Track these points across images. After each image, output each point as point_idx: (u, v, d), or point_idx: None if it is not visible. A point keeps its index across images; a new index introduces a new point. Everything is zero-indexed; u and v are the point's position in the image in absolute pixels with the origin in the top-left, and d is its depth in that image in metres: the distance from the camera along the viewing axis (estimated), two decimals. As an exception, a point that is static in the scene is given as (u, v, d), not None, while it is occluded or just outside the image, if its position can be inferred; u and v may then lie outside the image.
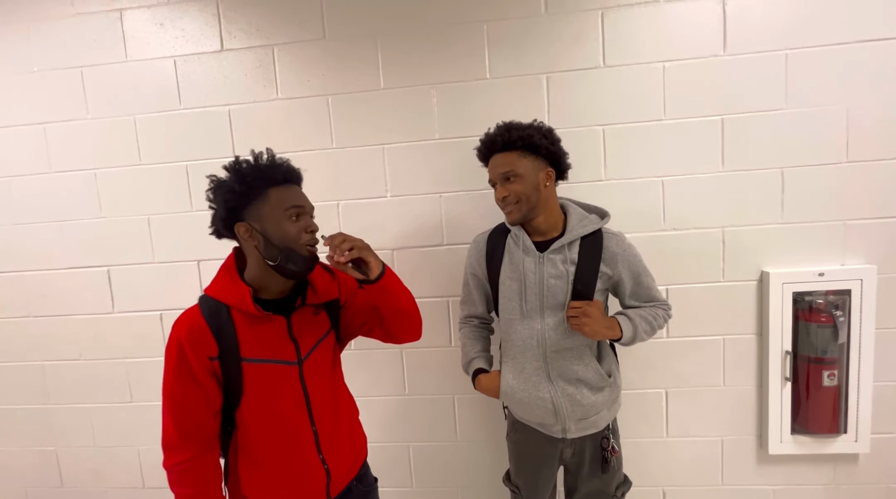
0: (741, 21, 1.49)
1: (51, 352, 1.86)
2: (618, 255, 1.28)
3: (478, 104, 1.60)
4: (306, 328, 1.11)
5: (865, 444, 1.57)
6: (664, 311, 1.35)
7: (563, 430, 1.31)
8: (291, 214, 1.03)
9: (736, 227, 1.56)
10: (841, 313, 1.51)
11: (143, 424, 1.86)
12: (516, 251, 1.30)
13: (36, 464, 1.95)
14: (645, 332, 1.29)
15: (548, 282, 1.26)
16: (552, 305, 1.26)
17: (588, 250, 1.27)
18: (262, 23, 1.64)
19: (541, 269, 1.26)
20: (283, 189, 1.04)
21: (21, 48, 1.72)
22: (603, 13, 1.53)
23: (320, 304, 1.14)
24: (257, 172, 1.02)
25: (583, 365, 1.29)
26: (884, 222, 1.52)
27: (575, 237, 1.26)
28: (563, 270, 1.25)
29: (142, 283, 1.78)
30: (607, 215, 1.32)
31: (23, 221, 1.80)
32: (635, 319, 1.29)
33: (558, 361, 1.28)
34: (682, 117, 1.54)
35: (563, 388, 1.28)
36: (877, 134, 1.49)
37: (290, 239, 1.02)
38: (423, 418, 1.77)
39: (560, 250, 1.26)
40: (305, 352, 1.10)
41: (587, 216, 1.31)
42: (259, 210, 1.02)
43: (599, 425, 1.34)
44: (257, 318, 1.04)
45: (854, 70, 1.47)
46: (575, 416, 1.29)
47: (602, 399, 1.31)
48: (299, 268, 1.03)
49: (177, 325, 1.05)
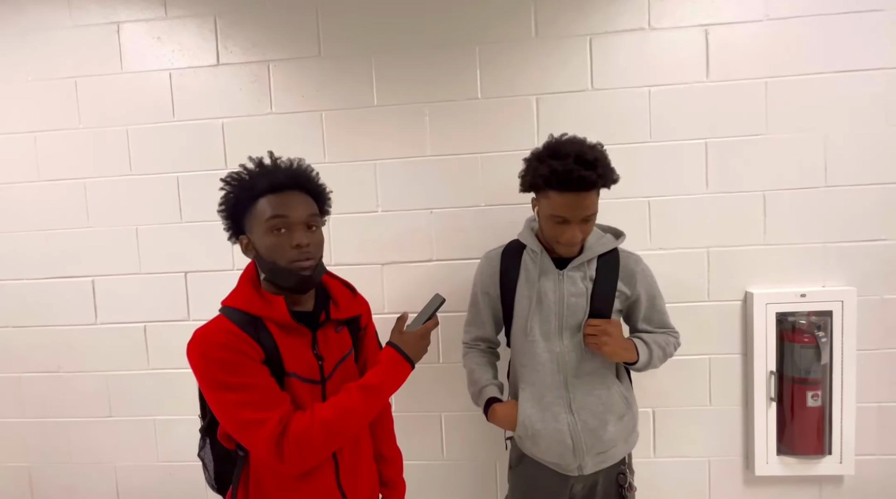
0: (723, 50, 1.55)
1: (28, 364, 1.82)
2: (636, 273, 1.25)
3: (469, 123, 1.63)
4: (330, 345, 1.03)
5: (850, 465, 1.58)
6: (675, 338, 1.32)
7: (579, 467, 1.24)
8: (272, 227, 0.93)
9: (720, 247, 1.60)
10: (823, 334, 1.54)
11: (122, 440, 1.81)
12: (534, 269, 1.25)
13: (7, 481, 1.88)
14: (659, 358, 1.25)
15: (568, 301, 1.21)
16: (571, 326, 1.22)
17: (606, 268, 1.24)
18: (258, 39, 1.66)
19: (560, 287, 1.22)
20: (272, 198, 0.93)
21: (17, 58, 1.72)
22: (591, 39, 1.58)
23: (342, 320, 1.07)
24: (248, 180, 0.95)
25: (606, 389, 1.23)
26: (862, 245, 1.56)
27: (594, 255, 1.23)
28: (582, 287, 1.22)
29: (127, 294, 1.76)
30: (622, 235, 1.29)
31: (7, 230, 1.78)
32: (651, 343, 1.25)
33: (580, 387, 1.23)
34: (667, 140, 1.58)
35: (586, 421, 1.22)
36: (853, 160, 1.54)
37: (274, 254, 0.93)
38: (410, 436, 1.74)
39: (580, 268, 1.23)
40: (328, 371, 1.01)
41: (603, 235, 1.28)
42: (250, 222, 0.96)
43: (615, 458, 1.26)
44: (289, 330, 0.96)
45: (831, 99, 1.53)
46: (594, 450, 1.23)
47: (621, 429, 1.25)
48: (289, 284, 0.95)
49: (206, 339, 0.90)
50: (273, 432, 0.87)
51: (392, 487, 1.21)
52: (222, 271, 1.72)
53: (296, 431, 0.88)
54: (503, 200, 1.63)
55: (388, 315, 1.64)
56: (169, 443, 1.80)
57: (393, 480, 1.22)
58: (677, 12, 1.55)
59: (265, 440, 0.87)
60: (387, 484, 1.21)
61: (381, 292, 1.69)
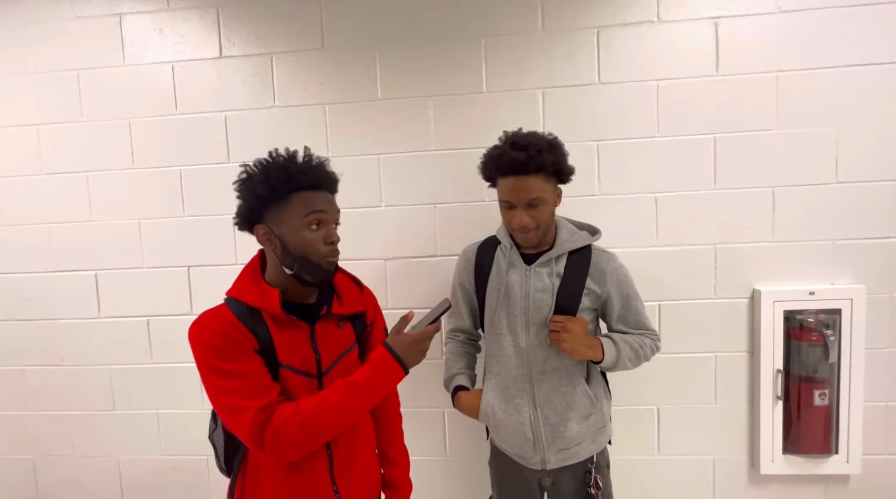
0: (733, 43, 1.52)
1: (32, 357, 1.82)
2: (607, 272, 1.24)
3: (474, 117, 1.61)
4: (329, 340, 1.03)
5: (857, 465, 1.56)
6: (652, 340, 1.29)
7: (542, 461, 1.26)
8: (311, 222, 0.95)
9: (728, 244, 1.58)
10: (831, 332, 1.52)
11: (125, 433, 1.82)
12: (503, 263, 1.28)
13: (11, 473, 1.89)
14: (629, 359, 1.23)
15: (533, 295, 1.22)
16: (537, 321, 1.22)
17: (575, 265, 1.24)
18: (261, 31, 1.65)
19: (527, 281, 1.23)
20: (307, 194, 0.96)
21: (19, 50, 1.71)
22: (598, 31, 1.56)
23: (345, 315, 1.07)
24: (284, 173, 0.94)
25: (571, 387, 1.23)
26: (873, 243, 1.54)
27: (563, 251, 1.24)
28: (549, 283, 1.22)
29: (130, 288, 1.75)
30: (598, 233, 1.30)
31: (10, 223, 1.77)
32: (619, 343, 1.23)
33: (545, 383, 1.23)
34: (675, 135, 1.56)
35: (547, 416, 1.23)
36: (865, 156, 1.52)
37: (308, 248, 0.95)
38: (413, 432, 1.73)
39: (547, 263, 1.24)
40: (327, 365, 1.02)
41: (578, 232, 1.29)
42: (279, 214, 0.95)
43: (581, 456, 1.27)
44: (284, 322, 0.97)
45: (844, 93, 1.51)
46: (555, 446, 1.24)
47: (586, 428, 1.24)
48: (315, 279, 0.98)
49: (203, 323, 0.93)
50: (255, 421, 0.88)
51: (395, 488, 1.20)
52: (225, 265, 1.71)
53: (277, 421, 0.89)
54: (508, 196, 1.61)
55: (391, 311, 1.63)
56: (172, 436, 1.80)
57: (397, 481, 1.21)
58: (687, 4, 1.53)
59: (248, 428, 0.88)
60: (390, 485, 1.20)
61: (385, 288, 1.68)
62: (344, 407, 0.93)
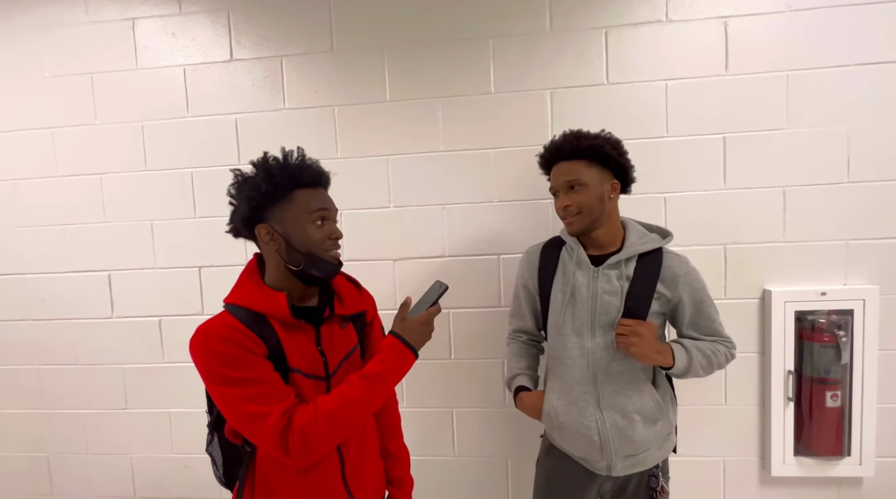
0: (743, 42, 1.51)
1: (47, 356, 1.85)
2: (679, 276, 1.20)
3: (482, 118, 1.61)
4: (334, 341, 1.03)
5: (870, 467, 1.54)
6: (726, 348, 1.24)
7: (608, 467, 1.22)
8: (317, 218, 0.97)
9: (738, 244, 1.57)
10: (844, 333, 1.50)
11: (138, 432, 1.84)
12: (569, 264, 1.24)
13: (26, 470, 1.92)
14: (701, 366, 1.19)
15: (601, 298, 1.19)
16: (604, 324, 1.19)
17: (646, 268, 1.20)
18: (271, 34, 1.66)
19: (594, 283, 1.20)
20: (309, 191, 0.98)
21: (34, 54, 1.74)
22: (607, 31, 1.56)
23: (347, 316, 1.07)
24: (286, 171, 0.96)
25: (637, 392, 1.20)
26: (886, 243, 1.52)
27: (633, 253, 1.20)
28: (617, 285, 1.19)
29: (142, 288, 1.78)
30: (670, 235, 1.25)
31: (26, 224, 1.81)
32: (692, 349, 1.19)
33: (610, 387, 1.20)
34: (684, 135, 1.55)
35: (614, 419, 1.19)
36: (877, 155, 1.50)
37: (314, 244, 0.96)
38: (421, 432, 1.74)
39: (616, 266, 1.20)
40: (333, 366, 1.02)
41: (647, 234, 1.24)
42: (283, 212, 0.96)
43: (648, 464, 1.24)
44: (291, 326, 0.97)
45: (855, 92, 1.49)
46: (623, 452, 1.20)
47: (653, 434, 1.21)
48: (323, 274, 0.98)
49: (208, 333, 0.90)
50: (277, 425, 0.87)
51: (398, 485, 1.21)
52: (236, 266, 1.69)
53: (300, 423, 0.88)
54: (516, 196, 1.62)
55: (401, 311, 1.64)
56: (184, 435, 1.82)
57: (399, 477, 1.21)
58: (696, 3, 1.52)
59: (269, 434, 0.87)
60: (393, 482, 1.21)
61: (393, 288, 1.69)
62: (364, 400, 0.94)
